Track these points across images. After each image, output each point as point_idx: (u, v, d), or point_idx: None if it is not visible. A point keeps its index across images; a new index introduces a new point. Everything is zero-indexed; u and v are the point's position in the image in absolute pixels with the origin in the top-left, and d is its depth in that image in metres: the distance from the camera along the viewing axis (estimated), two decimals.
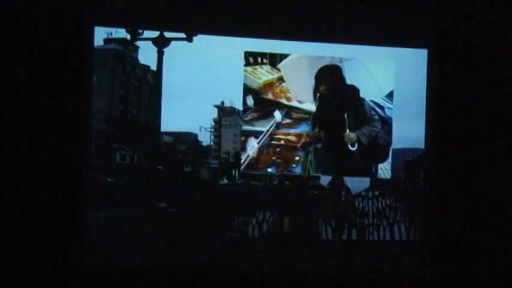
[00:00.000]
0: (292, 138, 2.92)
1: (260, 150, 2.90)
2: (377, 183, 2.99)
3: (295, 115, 2.93)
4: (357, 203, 2.98)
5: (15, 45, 2.64)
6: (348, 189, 2.97)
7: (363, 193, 2.98)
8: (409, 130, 2.95)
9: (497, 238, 2.89)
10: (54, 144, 2.65)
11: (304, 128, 2.93)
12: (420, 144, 2.96)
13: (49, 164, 2.64)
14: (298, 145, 2.92)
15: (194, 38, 2.85)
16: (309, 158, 2.92)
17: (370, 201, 2.98)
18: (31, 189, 2.63)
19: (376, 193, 2.99)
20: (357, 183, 2.98)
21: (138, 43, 2.86)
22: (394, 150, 2.96)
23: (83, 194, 2.70)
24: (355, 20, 2.92)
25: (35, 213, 2.63)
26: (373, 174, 2.96)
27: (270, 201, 2.92)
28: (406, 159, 3.00)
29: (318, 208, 2.95)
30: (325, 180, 2.96)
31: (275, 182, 2.95)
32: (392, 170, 2.96)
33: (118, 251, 2.76)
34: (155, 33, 2.84)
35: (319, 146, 2.93)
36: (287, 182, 2.95)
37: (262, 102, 2.90)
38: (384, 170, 2.97)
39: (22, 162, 2.63)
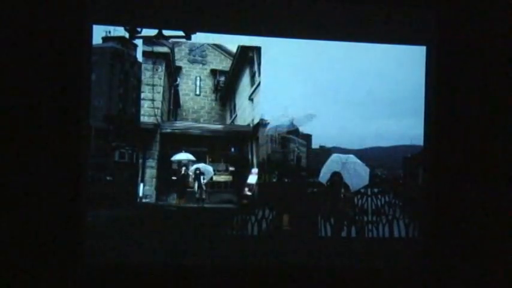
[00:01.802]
0: None
1: None
2: (377, 180, 2.99)
3: None
4: (356, 200, 2.99)
5: (14, 44, 2.64)
6: (346, 187, 2.98)
7: (362, 190, 2.99)
8: (406, 127, 2.97)
9: (497, 234, 2.89)
10: (53, 142, 2.65)
11: None
12: (419, 141, 2.97)
13: (48, 163, 2.64)
14: None
15: (192, 36, 2.85)
16: None
17: (369, 199, 2.99)
18: (30, 188, 2.63)
19: (375, 190, 2.99)
20: (356, 181, 2.99)
21: (137, 41, 2.86)
22: (389, 148, 2.98)
23: (83, 193, 2.71)
24: (356, 17, 2.91)
25: (34, 212, 2.63)
26: None
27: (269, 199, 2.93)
28: (405, 157, 3.00)
29: (317, 205, 2.96)
30: (324, 177, 2.97)
31: (274, 180, 2.96)
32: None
33: (118, 249, 2.77)
34: (154, 32, 2.85)
35: None
36: (286, 180, 2.96)
37: None
38: None
39: (21, 162, 2.63)
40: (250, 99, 2.98)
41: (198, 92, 3.01)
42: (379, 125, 2.97)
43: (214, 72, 3.04)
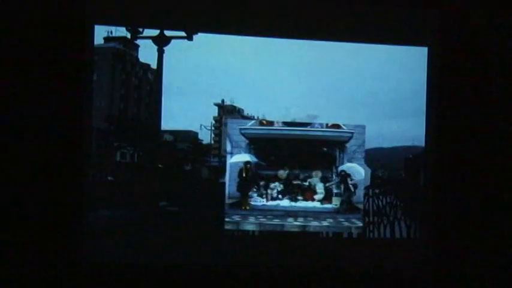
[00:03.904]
0: None
1: None
2: (378, 180, 2.99)
3: None
4: None
5: (16, 44, 2.65)
6: None
7: (363, 191, 2.98)
8: (407, 128, 2.97)
9: (497, 235, 2.89)
10: (54, 143, 2.65)
11: None
12: (420, 141, 2.97)
13: (49, 163, 2.64)
14: None
15: (194, 37, 2.86)
16: None
17: (370, 199, 2.98)
18: (31, 188, 2.63)
19: (377, 191, 2.99)
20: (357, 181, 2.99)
21: (138, 41, 2.87)
22: (390, 148, 2.98)
23: (84, 193, 2.70)
24: (357, 18, 2.92)
25: (35, 212, 2.63)
26: None
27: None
28: (406, 157, 3.00)
29: None
30: None
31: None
32: None
33: (118, 250, 2.76)
34: (155, 32, 2.85)
35: None
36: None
37: None
38: None
39: (22, 162, 2.63)
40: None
41: None
42: (381, 126, 2.97)
43: None
